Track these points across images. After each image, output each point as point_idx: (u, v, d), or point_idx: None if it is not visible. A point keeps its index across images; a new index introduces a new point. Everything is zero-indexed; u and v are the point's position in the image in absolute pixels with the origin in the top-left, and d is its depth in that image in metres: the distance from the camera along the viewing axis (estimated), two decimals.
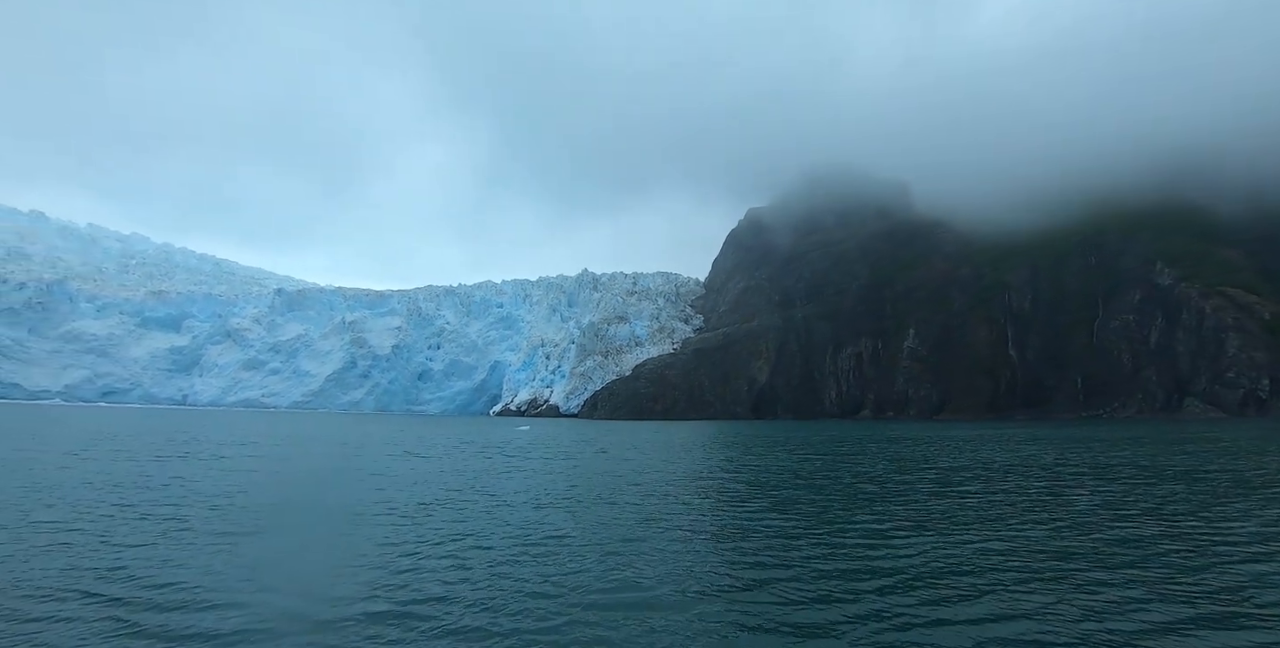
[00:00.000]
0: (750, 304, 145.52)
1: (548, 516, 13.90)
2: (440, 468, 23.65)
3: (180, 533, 11.96)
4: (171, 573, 9.38)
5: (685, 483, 19.67)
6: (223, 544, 11.13)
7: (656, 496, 16.82)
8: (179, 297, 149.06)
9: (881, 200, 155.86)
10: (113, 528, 12.24)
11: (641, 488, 18.07)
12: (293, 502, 15.97)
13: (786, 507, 15.25)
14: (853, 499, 16.75)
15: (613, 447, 36.75)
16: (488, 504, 15.34)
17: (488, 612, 7.92)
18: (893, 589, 8.90)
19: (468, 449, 33.06)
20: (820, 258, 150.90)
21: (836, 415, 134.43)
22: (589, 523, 13.13)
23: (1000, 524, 13.38)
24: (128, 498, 15.42)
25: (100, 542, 11.18)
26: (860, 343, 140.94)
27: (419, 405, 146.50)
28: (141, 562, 9.93)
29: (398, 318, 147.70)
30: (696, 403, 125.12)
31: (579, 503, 15.58)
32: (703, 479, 20.63)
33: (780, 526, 13.03)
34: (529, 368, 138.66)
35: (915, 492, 18.17)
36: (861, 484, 20.03)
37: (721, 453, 33.02)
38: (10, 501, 14.81)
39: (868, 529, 12.79)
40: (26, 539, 11.26)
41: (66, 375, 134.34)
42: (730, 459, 29.04)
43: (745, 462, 27.50)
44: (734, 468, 24.64)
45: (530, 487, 18.55)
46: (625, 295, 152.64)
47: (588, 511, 14.55)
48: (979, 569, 9.92)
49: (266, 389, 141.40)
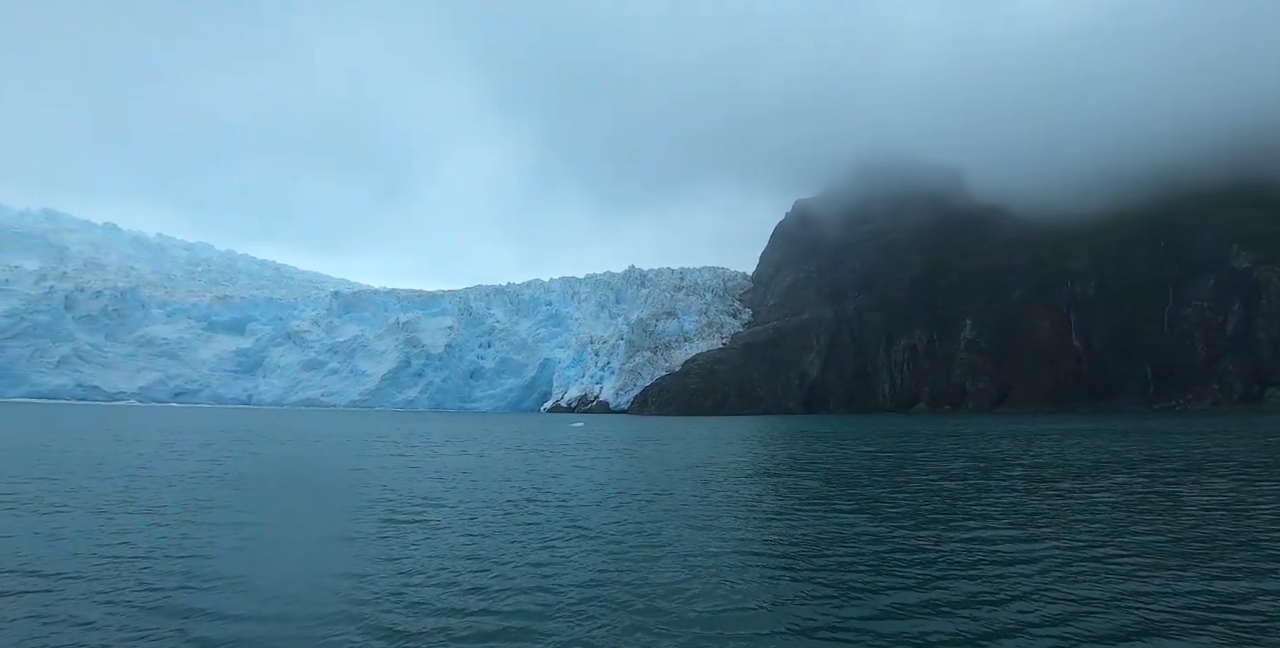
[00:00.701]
0: (800, 297, 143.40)
1: (635, 518, 13.70)
2: (530, 466, 23.72)
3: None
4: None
5: (762, 482, 19.23)
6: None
7: (732, 495, 16.45)
8: (242, 301, 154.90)
9: (933, 188, 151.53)
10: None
11: (714, 486, 17.73)
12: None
13: (873, 509, 14.70)
14: (942, 500, 16.10)
15: (673, 442, 36.42)
16: (582, 503, 15.22)
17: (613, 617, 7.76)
18: (1035, 614, 8.12)
19: (545, 447, 33.16)
20: (871, 248, 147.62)
21: (890, 409, 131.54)
22: (681, 529, 12.84)
23: (1115, 527, 12.63)
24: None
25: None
26: (914, 335, 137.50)
27: (471, 403, 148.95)
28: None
29: (449, 318, 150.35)
30: (747, 398, 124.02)
31: (665, 507, 15.30)
32: (776, 476, 20.16)
33: (874, 532, 12.39)
34: (578, 365, 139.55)
35: (1006, 491, 17.40)
36: (944, 482, 19.30)
37: (785, 449, 32.39)
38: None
39: (974, 536, 12.00)
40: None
41: (141, 378, 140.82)
42: (798, 456, 28.40)
43: (815, 459, 26.87)
44: (806, 466, 24.06)
45: (621, 488, 18.37)
46: (672, 291, 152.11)
47: (675, 514, 14.27)
48: (1117, 583, 9.29)
49: (326, 389, 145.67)
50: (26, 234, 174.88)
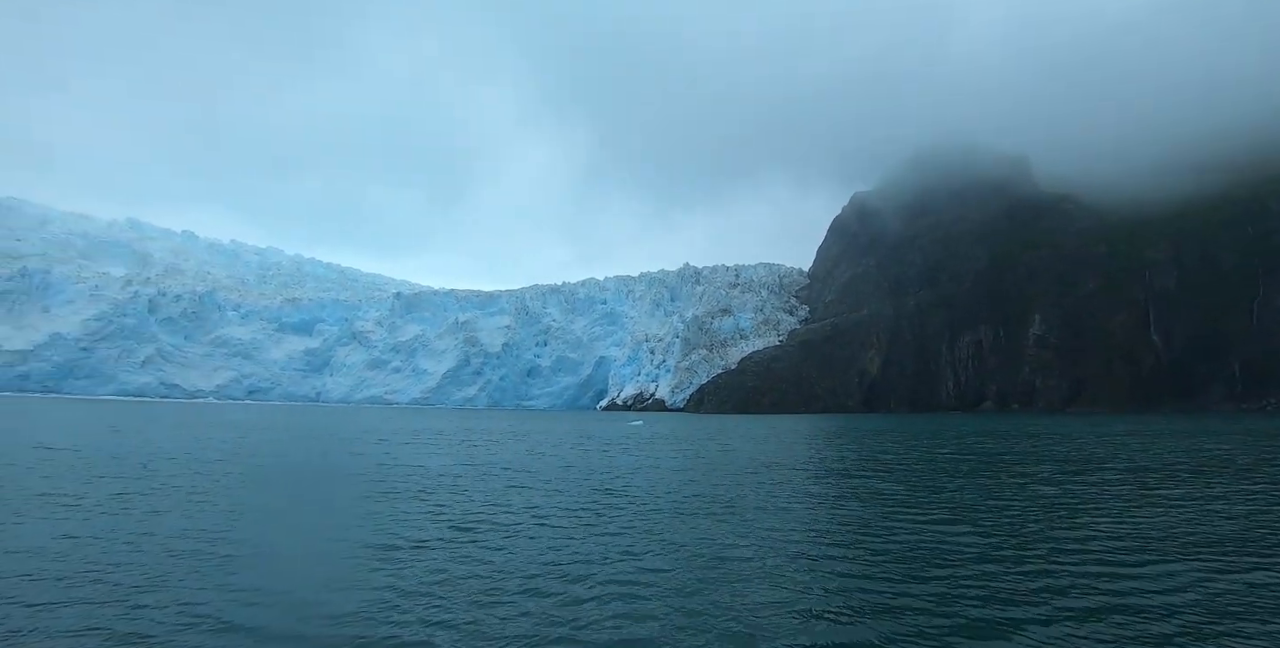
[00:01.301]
0: (859, 293, 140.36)
1: (718, 527, 13.45)
2: (598, 466, 23.73)
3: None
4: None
5: (840, 486, 18.67)
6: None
7: (812, 499, 16.00)
8: (310, 303, 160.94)
9: (999, 177, 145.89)
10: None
11: (791, 489, 17.29)
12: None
13: (969, 518, 13.99)
14: (1041, 508, 15.29)
15: (737, 441, 35.88)
16: (659, 509, 15.05)
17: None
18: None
19: (610, 445, 33.20)
20: (933, 242, 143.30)
21: (955, 408, 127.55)
22: (769, 540, 12.54)
23: (1251, 543, 11.76)
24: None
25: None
26: (980, 330, 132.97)
27: (528, 401, 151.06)
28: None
29: (507, 317, 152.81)
30: (805, 396, 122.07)
31: (747, 514, 14.98)
32: (852, 478, 19.54)
33: (978, 547, 11.37)
34: (634, 363, 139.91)
35: (1110, 498, 16.47)
36: (1039, 487, 18.41)
37: (855, 449, 31.54)
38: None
39: (1093, 555, 10.99)
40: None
41: (217, 376, 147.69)
42: (871, 457, 27.60)
43: (890, 460, 26.06)
44: (881, 467, 23.32)
45: (696, 490, 18.14)
46: (728, 288, 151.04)
47: (758, 524, 13.96)
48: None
49: (389, 387, 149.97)
50: (114, 243, 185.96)
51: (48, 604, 8.41)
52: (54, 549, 10.89)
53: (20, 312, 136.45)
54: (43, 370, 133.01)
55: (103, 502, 14.94)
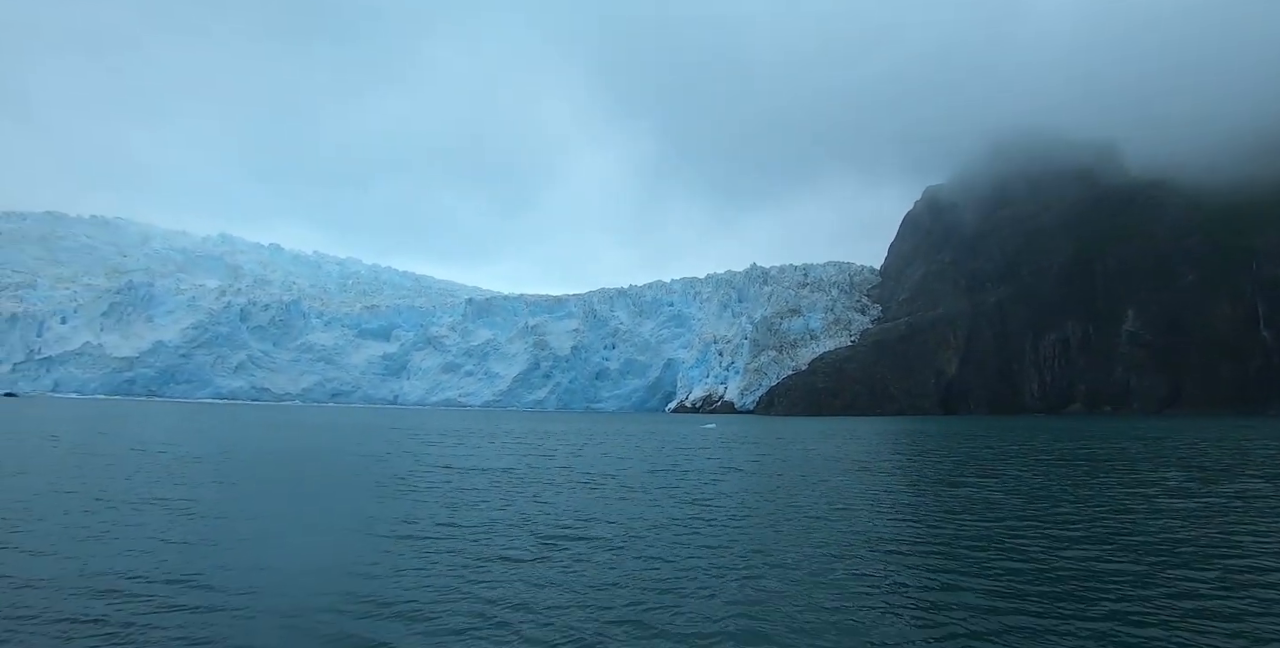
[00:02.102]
0: (934, 290, 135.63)
1: (828, 541, 13.06)
2: (681, 471, 23.55)
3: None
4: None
5: (945, 495, 17.88)
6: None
7: (918, 510, 15.35)
8: (388, 310, 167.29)
9: (1083, 165, 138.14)
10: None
11: (894, 498, 16.67)
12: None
13: (1106, 535, 13.00)
14: (1185, 522, 14.27)
15: (817, 444, 34.97)
16: (758, 522, 14.74)
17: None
18: None
19: (688, 449, 32.95)
20: (1012, 235, 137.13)
21: (1039, 410, 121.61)
22: (885, 558, 12.09)
23: None
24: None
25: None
26: (1066, 328, 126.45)
27: (597, 403, 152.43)
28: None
29: (575, 320, 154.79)
30: (879, 397, 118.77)
31: (855, 527, 14.51)
32: (955, 486, 18.64)
33: (1130, 569, 10.32)
34: (702, 365, 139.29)
35: (1267, 513, 15.23)
36: (1170, 501, 17.18)
37: (945, 453, 30.26)
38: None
39: (1267, 579, 9.91)
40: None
41: (303, 380, 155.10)
42: (967, 462, 26.38)
43: (989, 465, 24.81)
44: (982, 473, 22.24)
45: (791, 500, 17.72)
46: (796, 288, 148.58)
47: (869, 536, 13.50)
48: None
49: (462, 390, 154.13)
50: (208, 257, 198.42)
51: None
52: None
53: (127, 322, 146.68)
54: (147, 376, 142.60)
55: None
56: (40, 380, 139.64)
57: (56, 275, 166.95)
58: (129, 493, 16.56)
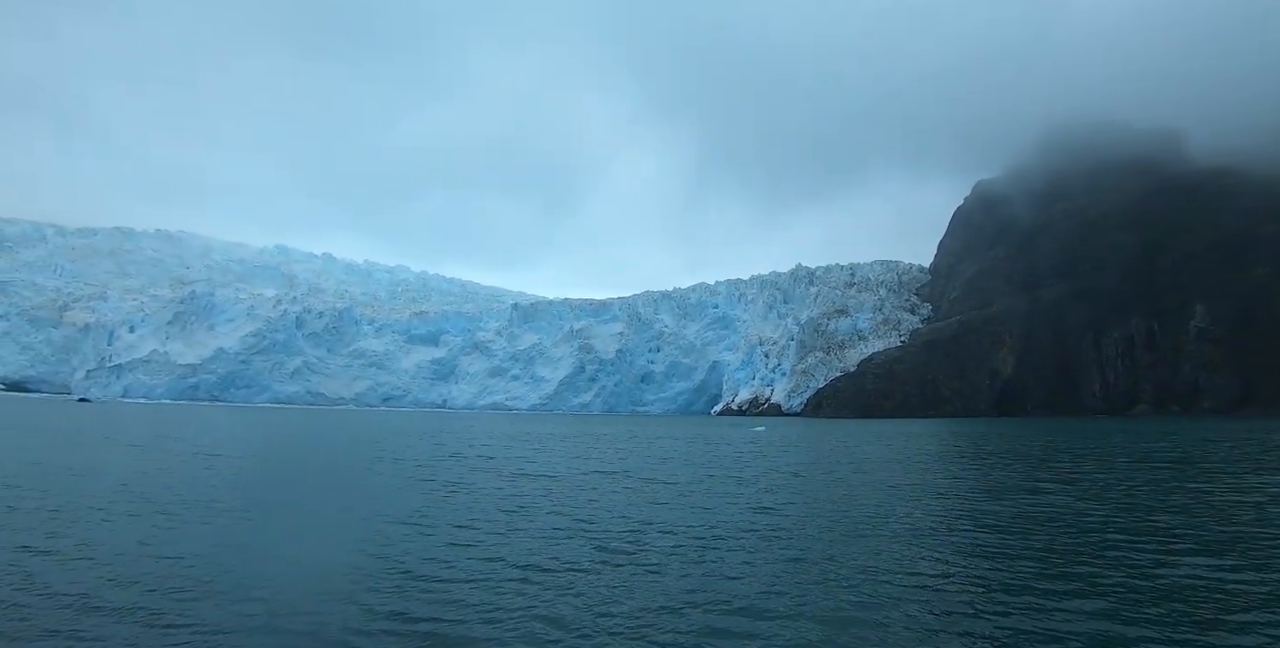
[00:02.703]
0: (987, 288, 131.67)
1: (920, 555, 12.56)
2: (737, 475, 23.14)
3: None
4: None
5: (1021, 501, 17.11)
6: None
7: (999, 520, 14.68)
8: (436, 316, 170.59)
9: (1144, 154, 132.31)
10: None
11: (970, 505, 15.98)
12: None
13: (1223, 548, 12.22)
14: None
15: (874, 447, 33.99)
16: (838, 533, 14.32)
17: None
18: None
19: (742, 453, 32.49)
20: (1070, 229, 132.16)
21: (1102, 411, 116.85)
22: (967, 568, 11.57)
23: None
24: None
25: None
26: (1130, 325, 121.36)
27: (642, 406, 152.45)
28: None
29: (619, 324, 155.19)
30: (931, 399, 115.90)
31: (929, 533, 14.01)
32: (1037, 492, 17.72)
33: (1255, 589, 9.47)
34: (748, 367, 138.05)
35: None
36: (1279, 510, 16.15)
37: (1016, 457, 29.03)
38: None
39: None
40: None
41: (356, 385, 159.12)
42: (1041, 466, 25.22)
43: (1065, 469, 23.72)
44: (1062, 480, 21.17)
45: (870, 511, 17.16)
46: (843, 288, 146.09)
47: (963, 550, 12.97)
48: None
49: (509, 393, 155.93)
50: (265, 267, 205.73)
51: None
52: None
53: (190, 330, 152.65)
54: (209, 382, 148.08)
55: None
56: (111, 387, 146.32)
57: (125, 287, 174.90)
58: (203, 494, 17.01)
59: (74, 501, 15.91)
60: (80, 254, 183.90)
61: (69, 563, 10.62)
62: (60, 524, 13.31)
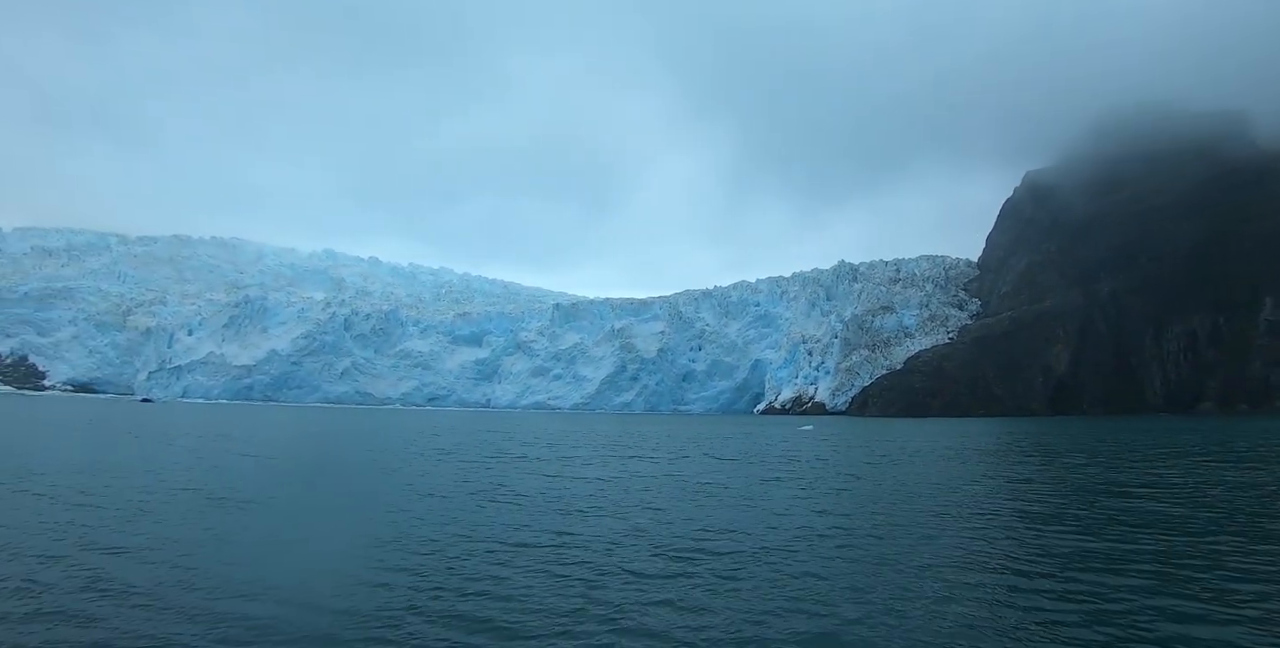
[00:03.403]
0: (1039, 282, 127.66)
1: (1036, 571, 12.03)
2: (798, 476, 22.64)
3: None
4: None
5: (1113, 507, 16.21)
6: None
7: (1100, 524, 13.92)
8: (479, 317, 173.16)
9: (1204, 138, 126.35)
10: None
11: (1051, 508, 15.21)
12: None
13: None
14: None
15: (929, 446, 32.88)
16: (928, 544, 13.85)
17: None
18: None
19: (795, 454, 31.89)
20: (1126, 219, 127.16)
21: (1163, 409, 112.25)
22: (1084, 584, 11.00)
23: None
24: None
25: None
26: (1193, 319, 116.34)
27: (684, 405, 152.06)
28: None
29: (660, 323, 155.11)
30: (981, 397, 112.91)
31: (1018, 541, 13.44)
32: (1131, 498, 16.78)
33: None
34: (790, 365, 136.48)
35: None
36: None
37: (1083, 458, 27.72)
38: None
39: None
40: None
41: (402, 385, 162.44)
42: (1114, 470, 23.95)
43: (1147, 473, 22.53)
44: (1154, 486, 20.17)
45: (952, 524, 16.45)
46: (888, 284, 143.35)
47: (1046, 550, 12.42)
48: None
49: (551, 393, 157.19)
50: (314, 271, 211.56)
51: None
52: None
53: (245, 333, 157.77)
54: (263, 382, 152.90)
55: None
56: (171, 387, 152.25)
57: (183, 292, 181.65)
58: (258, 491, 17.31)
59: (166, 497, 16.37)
60: (141, 261, 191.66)
61: (164, 556, 10.83)
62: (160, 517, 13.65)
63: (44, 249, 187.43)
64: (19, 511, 14.89)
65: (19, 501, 16.09)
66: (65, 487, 17.91)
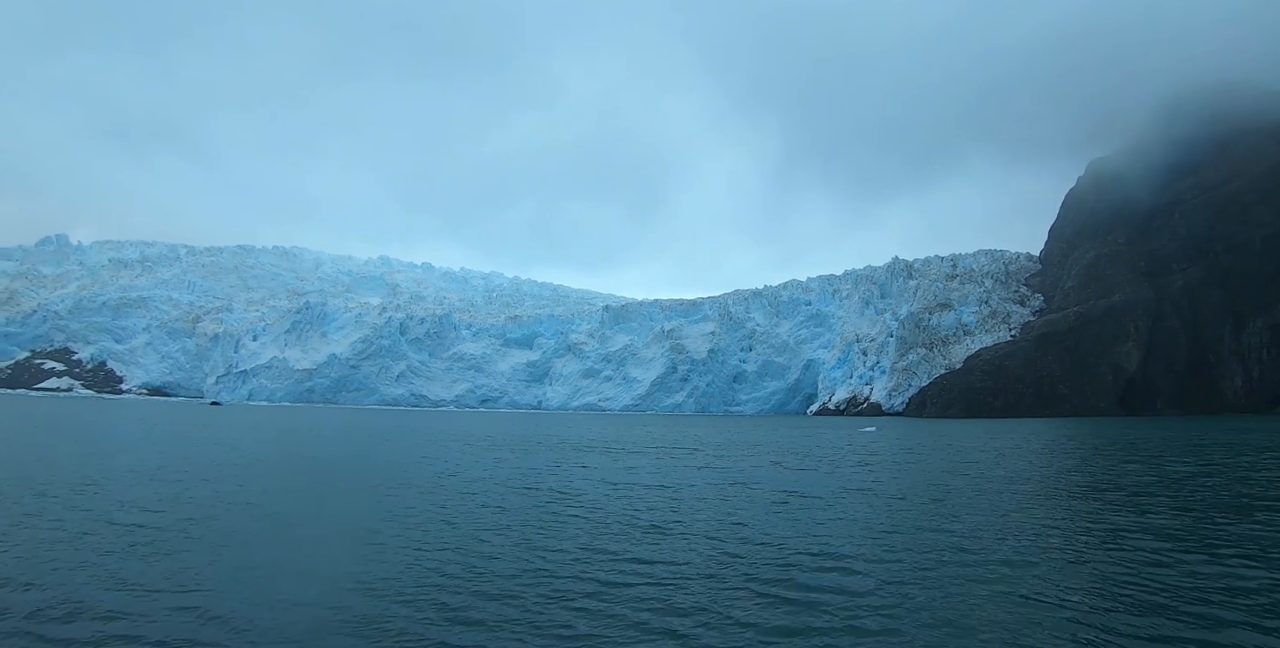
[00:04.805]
0: (1106, 276, 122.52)
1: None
2: (892, 489, 21.87)
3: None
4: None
5: (1258, 523, 15.26)
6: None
7: (1222, 541, 13.12)
8: (529, 319, 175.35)
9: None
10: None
11: (1189, 528, 14.31)
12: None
13: None
14: None
15: (1014, 450, 31.48)
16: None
17: None
18: None
19: (874, 459, 31.04)
20: (1200, 207, 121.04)
21: (1245, 410, 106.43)
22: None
23: None
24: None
25: None
26: (1275, 312, 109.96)
27: (735, 406, 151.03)
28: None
29: (710, 323, 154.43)
30: (1046, 397, 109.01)
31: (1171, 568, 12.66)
32: (1248, 511, 15.72)
33: None
34: (844, 365, 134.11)
35: None
36: None
37: (1199, 467, 26.22)
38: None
39: None
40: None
41: (455, 388, 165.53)
42: (1234, 482, 22.60)
43: (1272, 485, 21.16)
44: (1274, 497, 18.91)
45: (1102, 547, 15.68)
46: (944, 280, 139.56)
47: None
48: None
49: (602, 394, 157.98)
50: (370, 277, 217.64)
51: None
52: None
53: (305, 338, 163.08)
54: (323, 385, 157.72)
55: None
56: (238, 391, 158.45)
57: (248, 300, 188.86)
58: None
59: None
60: (209, 271, 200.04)
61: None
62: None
63: (120, 261, 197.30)
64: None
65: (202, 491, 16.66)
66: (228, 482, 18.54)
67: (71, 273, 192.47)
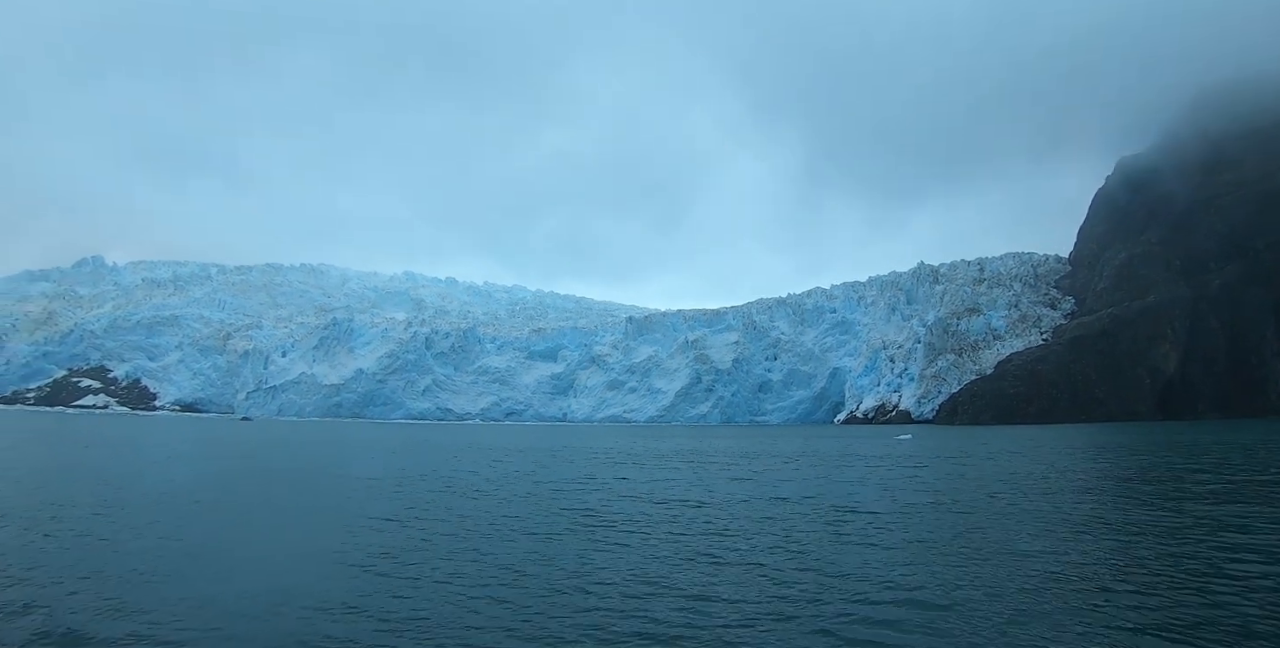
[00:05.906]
0: (1140, 276, 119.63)
1: None
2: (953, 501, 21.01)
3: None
4: None
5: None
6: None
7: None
8: (553, 332, 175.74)
9: None
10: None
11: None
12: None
13: None
14: None
15: (1071, 462, 30.30)
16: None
17: None
18: None
19: (919, 469, 30.03)
20: (1238, 203, 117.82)
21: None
22: None
23: None
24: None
25: None
26: None
27: (761, 416, 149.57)
28: None
29: (734, 333, 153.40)
30: (1081, 402, 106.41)
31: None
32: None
33: None
34: (871, 373, 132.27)
35: None
36: None
37: (1254, 471, 25.12)
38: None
39: None
40: None
41: (481, 401, 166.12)
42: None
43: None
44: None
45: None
46: (972, 284, 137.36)
47: None
48: None
49: (626, 406, 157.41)
50: (395, 292, 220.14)
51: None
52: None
53: (333, 353, 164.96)
54: (350, 400, 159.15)
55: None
56: (267, 406, 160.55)
57: (277, 316, 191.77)
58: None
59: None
60: (239, 289, 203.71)
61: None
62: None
63: (153, 280, 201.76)
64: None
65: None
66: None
67: (107, 293, 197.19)
